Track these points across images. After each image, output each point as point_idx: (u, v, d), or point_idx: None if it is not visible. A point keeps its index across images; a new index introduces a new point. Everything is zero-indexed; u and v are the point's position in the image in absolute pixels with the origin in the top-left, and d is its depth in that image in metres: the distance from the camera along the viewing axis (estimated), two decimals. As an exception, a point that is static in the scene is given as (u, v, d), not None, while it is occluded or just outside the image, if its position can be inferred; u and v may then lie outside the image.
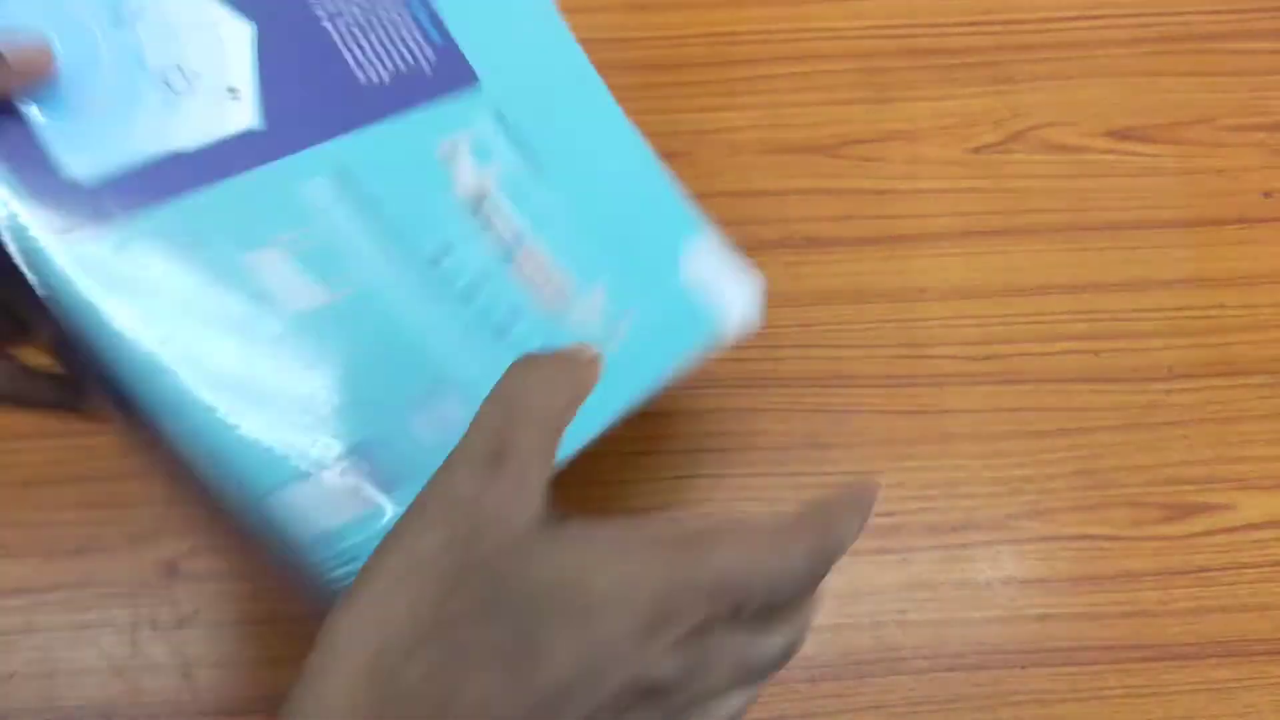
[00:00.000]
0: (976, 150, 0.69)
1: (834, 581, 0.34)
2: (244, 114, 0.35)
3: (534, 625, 0.23)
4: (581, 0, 0.78)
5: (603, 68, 0.75)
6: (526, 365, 0.28)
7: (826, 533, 0.27)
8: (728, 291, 0.46)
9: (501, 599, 0.23)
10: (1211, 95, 0.71)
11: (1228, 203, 0.66)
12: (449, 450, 0.27)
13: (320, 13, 0.37)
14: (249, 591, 0.52)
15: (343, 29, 0.38)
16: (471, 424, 0.27)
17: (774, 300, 0.50)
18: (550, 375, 0.28)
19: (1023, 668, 0.50)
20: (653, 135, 0.71)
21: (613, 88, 0.73)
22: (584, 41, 0.76)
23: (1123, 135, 0.69)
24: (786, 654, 0.27)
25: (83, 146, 0.31)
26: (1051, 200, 0.66)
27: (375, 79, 0.38)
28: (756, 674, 0.26)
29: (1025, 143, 0.69)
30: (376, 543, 0.26)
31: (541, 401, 0.27)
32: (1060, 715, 0.49)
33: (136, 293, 0.31)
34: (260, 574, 0.52)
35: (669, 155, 0.70)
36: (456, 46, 0.42)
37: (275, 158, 0.35)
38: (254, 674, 0.50)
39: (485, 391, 0.28)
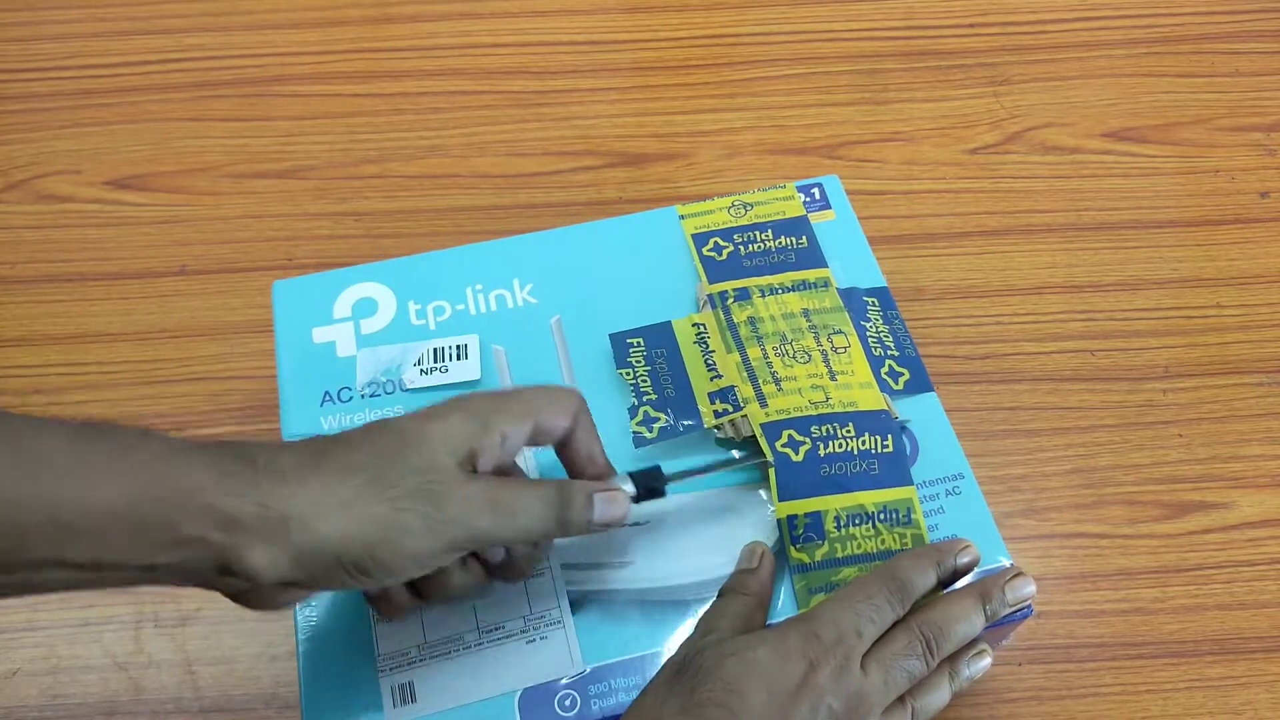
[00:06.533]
0: (973, 151, 0.69)
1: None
2: None
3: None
4: (581, 2, 0.78)
5: (602, 69, 0.76)
6: None
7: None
8: None
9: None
10: (1208, 96, 0.71)
11: (1224, 203, 0.66)
12: None
13: None
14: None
15: None
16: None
17: (772, 299, 0.51)
18: None
19: (1019, 665, 0.50)
20: (653, 135, 0.71)
21: (613, 88, 0.74)
22: (584, 43, 0.77)
23: (1119, 136, 0.70)
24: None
25: None
26: (1048, 201, 0.66)
27: None
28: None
29: (1022, 144, 0.69)
30: None
31: None
32: (1057, 712, 0.49)
33: None
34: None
35: (669, 155, 0.70)
36: None
37: None
38: (255, 670, 0.50)
39: None
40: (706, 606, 0.41)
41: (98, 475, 0.31)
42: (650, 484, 0.41)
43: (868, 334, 0.49)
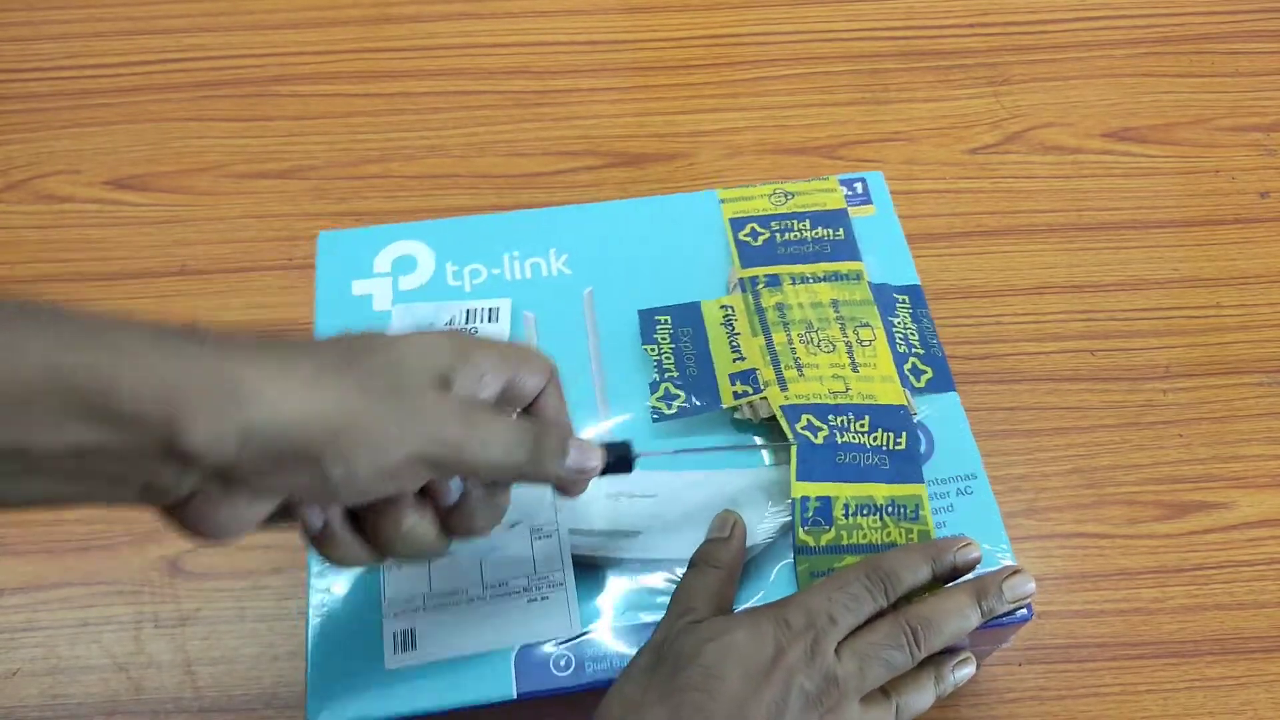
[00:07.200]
0: (974, 151, 0.69)
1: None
2: None
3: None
4: (582, 2, 0.78)
5: (603, 68, 0.76)
6: None
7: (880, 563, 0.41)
8: None
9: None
10: (1207, 96, 0.72)
11: (1224, 203, 0.66)
12: None
13: None
14: (249, 589, 0.52)
15: None
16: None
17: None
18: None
19: (1019, 665, 0.50)
20: (653, 135, 0.71)
21: (613, 88, 0.74)
22: (584, 43, 0.77)
23: (1119, 136, 0.70)
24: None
25: None
26: (1048, 201, 0.66)
27: None
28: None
29: (1022, 144, 0.69)
30: None
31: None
32: (1057, 712, 0.49)
33: None
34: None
35: (669, 155, 0.70)
36: None
37: None
38: (254, 671, 0.50)
39: None
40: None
41: (19, 344, 0.27)
42: (620, 454, 0.39)
43: (894, 329, 0.49)
